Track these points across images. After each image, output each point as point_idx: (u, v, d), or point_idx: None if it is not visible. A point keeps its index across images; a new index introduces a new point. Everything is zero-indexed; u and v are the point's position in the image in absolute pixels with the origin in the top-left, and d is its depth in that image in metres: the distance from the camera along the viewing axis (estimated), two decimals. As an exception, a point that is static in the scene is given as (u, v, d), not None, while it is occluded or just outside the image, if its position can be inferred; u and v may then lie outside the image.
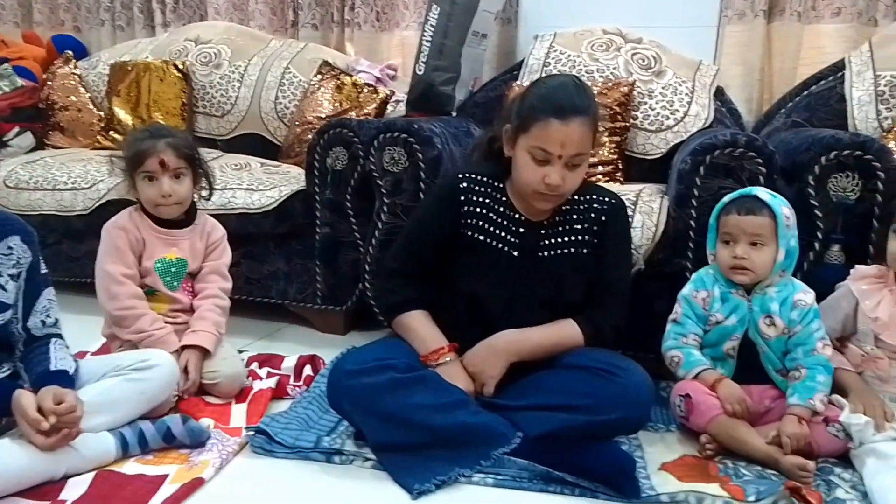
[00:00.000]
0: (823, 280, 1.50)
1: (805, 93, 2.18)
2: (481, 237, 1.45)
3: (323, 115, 2.47)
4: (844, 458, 1.35)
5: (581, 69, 2.27)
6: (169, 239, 1.64)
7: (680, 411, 1.44)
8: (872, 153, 1.48)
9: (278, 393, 1.63)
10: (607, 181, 2.10)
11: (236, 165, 2.40)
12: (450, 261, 1.48)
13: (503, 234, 1.46)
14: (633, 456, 1.37)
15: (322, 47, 2.87)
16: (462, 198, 1.46)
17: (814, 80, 2.20)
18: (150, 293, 1.61)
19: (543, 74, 2.31)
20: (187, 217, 1.67)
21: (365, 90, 2.50)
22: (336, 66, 2.67)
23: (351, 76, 2.56)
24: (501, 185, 1.49)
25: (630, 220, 1.67)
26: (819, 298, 1.47)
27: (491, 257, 1.45)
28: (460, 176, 1.49)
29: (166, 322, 1.58)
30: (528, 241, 1.45)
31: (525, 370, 1.42)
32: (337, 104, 2.50)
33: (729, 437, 1.36)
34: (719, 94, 2.29)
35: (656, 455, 1.39)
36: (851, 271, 1.43)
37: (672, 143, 2.11)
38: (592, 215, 1.46)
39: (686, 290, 1.52)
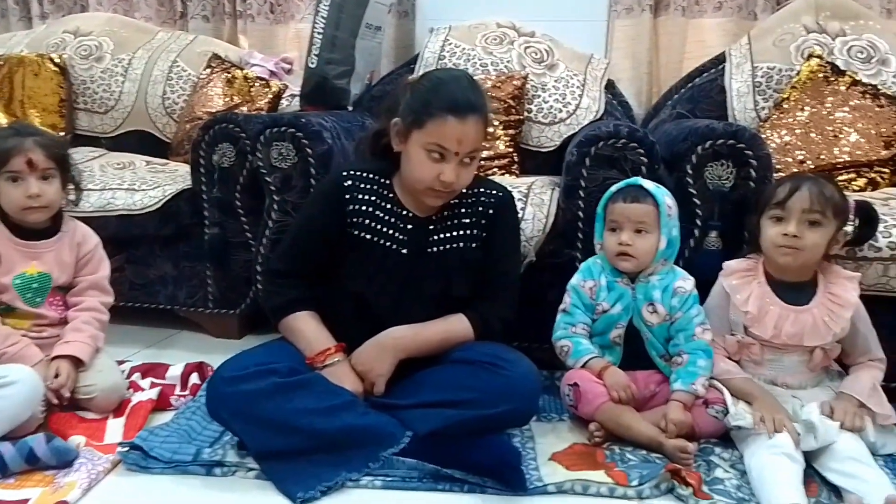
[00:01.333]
0: (702, 266, 1.54)
1: (689, 85, 2.26)
2: (368, 235, 1.42)
3: (213, 111, 2.36)
4: (726, 438, 1.39)
5: (475, 62, 2.27)
6: (29, 251, 1.50)
7: (569, 400, 1.45)
8: (745, 142, 1.54)
9: (161, 404, 1.55)
10: (503, 174, 2.10)
11: (119, 164, 2.27)
12: (337, 260, 1.44)
13: (391, 231, 1.43)
14: (525, 447, 1.38)
15: (213, 40, 2.76)
16: (347, 196, 1.43)
17: (697, 72, 2.28)
18: (8, 311, 1.48)
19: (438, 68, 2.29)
20: (52, 225, 1.55)
21: (257, 84, 2.41)
22: (227, 59, 2.57)
23: (242, 70, 2.47)
24: (388, 182, 1.46)
25: (521, 212, 1.68)
26: (699, 285, 1.51)
27: (378, 255, 1.42)
28: (344, 173, 1.45)
29: (29, 337, 1.46)
30: (416, 238, 1.43)
31: (417, 367, 1.39)
32: (228, 99, 2.41)
33: (615, 424, 1.39)
34: (610, 87, 2.35)
35: (547, 445, 1.39)
36: (724, 265, 1.48)
37: (565, 136, 2.13)
38: (480, 209, 1.45)
39: (574, 279, 1.53)
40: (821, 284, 1.41)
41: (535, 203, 1.73)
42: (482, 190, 1.47)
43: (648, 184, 1.45)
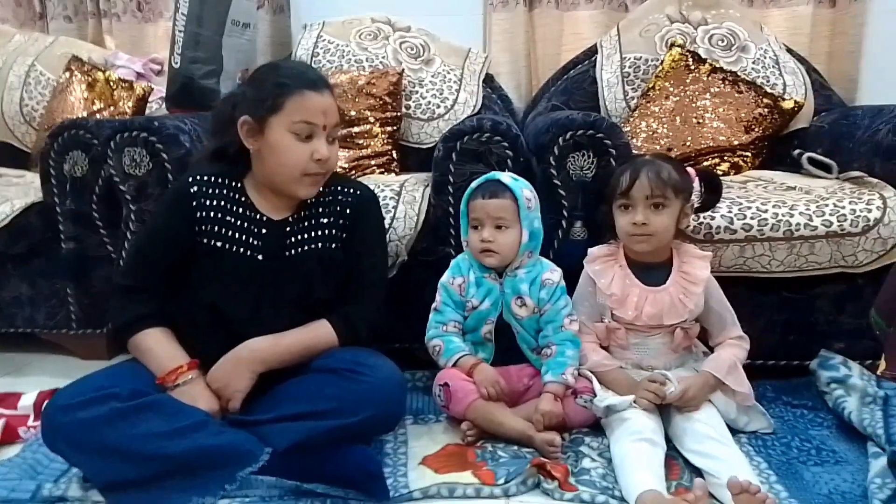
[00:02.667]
0: (569, 256, 1.55)
1: (564, 77, 2.28)
2: (219, 243, 1.35)
3: (75, 116, 2.21)
4: (597, 427, 1.40)
5: (350, 58, 2.22)
6: None
7: (440, 400, 1.43)
8: (603, 131, 1.55)
9: (8, 437, 1.43)
10: (382, 172, 2.06)
11: (-34, 178, 2.09)
12: (188, 270, 1.36)
13: (244, 237, 1.36)
14: (397, 453, 1.35)
15: (76, 41, 2.59)
16: (194, 202, 1.35)
17: (572, 64, 2.31)
18: None
19: (313, 65, 2.22)
20: None
21: (120, 87, 2.27)
22: (90, 61, 2.42)
23: (104, 72, 2.32)
24: (239, 185, 1.39)
25: (394, 211, 1.65)
26: (568, 275, 1.52)
27: (232, 263, 1.35)
28: (190, 179, 1.37)
29: None
30: (271, 242, 1.37)
31: (283, 378, 1.33)
32: (89, 103, 2.26)
33: (486, 421, 1.37)
34: (489, 80, 2.34)
35: (419, 449, 1.37)
36: (588, 252, 1.49)
37: (444, 132, 2.11)
38: (338, 208, 1.40)
39: (444, 277, 1.51)
40: (675, 264, 1.45)
41: (407, 201, 1.70)
42: (340, 188, 1.42)
43: (506, 178, 1.44)
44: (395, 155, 2.11)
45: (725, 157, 1.99)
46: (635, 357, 1.46)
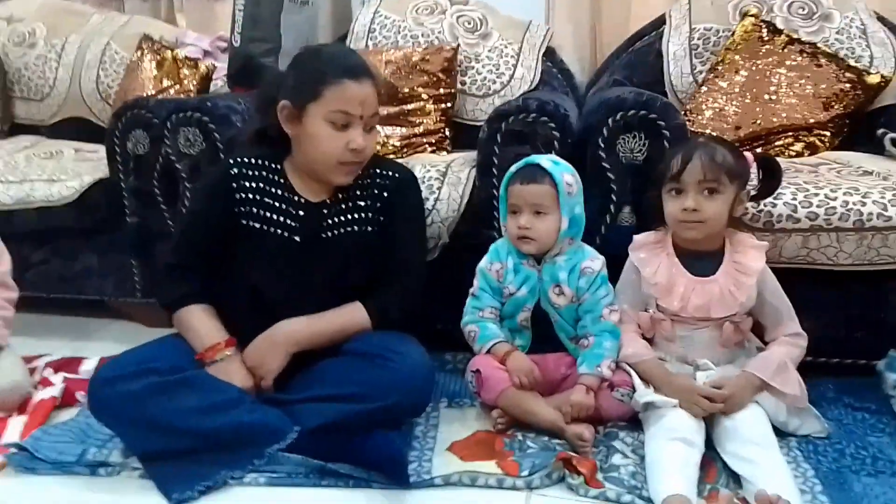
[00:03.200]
0: (616, 243, 1.48)
1: (630, 50, 2.17)
2: (258, 224, 1.37)
3: (144, 94, 2.30)
4: (635, 421, 1.35)
5: (406, 34, 2.19)
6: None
7: (472, 387, 1.41)
8: (656, 112, 1.47)
9: (67, 400, 1.52)
10: (434, 151, 2.04)
11: (46, 154, 2.22)
12: (229, 251, 1.39)
13: (282, 218, 1.38)
14: (426, 437, 1.36)
15: (149, 20, 2.69)
16: (234, 184, 1.38)
17: (637, 36, 2.19)
18: None
19: (370, 42, 2.22)
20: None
21: (186, 65, 2.34)
22: (161, 40, 2.50)
23: (172, 50, 2.39)
24: (279, 167, 1.41)
25: (437, 192, 1.62)
26: (615, 261, 1.46)
27: (271, 245, 1.37)
28: (231, 161, 1.40)
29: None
30: (309, 224, 1.38)
31: (316, 359, 1.35)
32: (157, 82, 2.34)
33: (518, 410, 1.35)
34: (550, 55, 2.26)
35: (449, 433, 1.36)
36: (634, 239, 1.42)
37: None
38: (376, 191, 1.40)
39: (482, 262, 1.48)
40: (727, 254, 1.36)
41: (452, 182, 1.67)
42: (379, 171, 1.41)
43: (546, 162, 1.38)
44: (447, 133, 2.08)
45: (800, 137, 1.84)
46: (681, 350, 1.39)
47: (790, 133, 1.84)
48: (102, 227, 1.95)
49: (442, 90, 2.07)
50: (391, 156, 1.99)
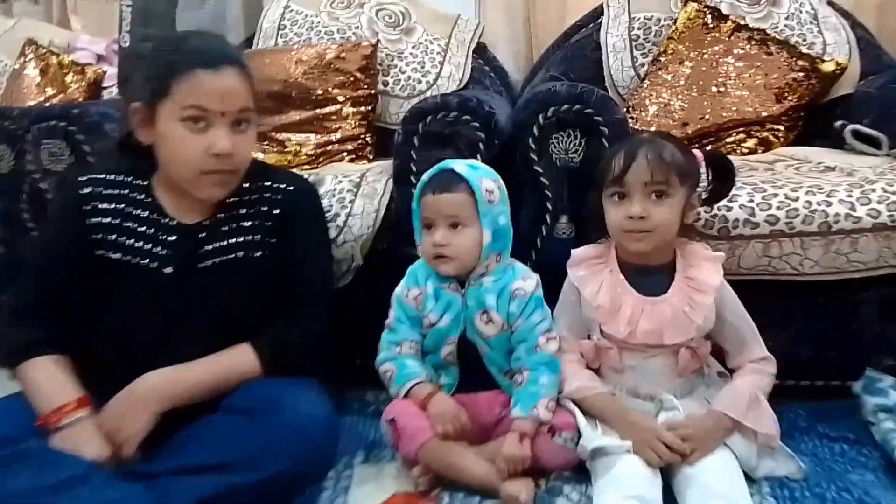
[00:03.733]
0: (554, 258, 1.28)
1: (567, 43, 1.99)
2: (118, 255, 1.13)
3: (29, 105, 2.03)
4: (583, 470, 1.14)
5: (320, 30, 1.97)
6: None
7: (388, 439, 1.19)
8: (592, 106, 1.27)
9: None
10: (353, 160, 1.82)
11: None
12: (89, 288, 1.14)
13: (149, 246, 1.13)
14: (335, 502, 1.12)
15: (39, 24, 2.43)
16: (86, 208, 1.13)
17: (575, 29, 2.02)
18: None
19: (280, 39, 1.99)
20: None
21: (72, 71, 2.07)
22: (49, 44, 2.22)
23: (58, 55, 2.12)
24: (145, 184, 1.16)
25: (350, 206, 1.40)
26: (554, 280, 1.25)
27: (136, 278, 1.13)
28: (82, 179, 1.15)
29: None
30: (182, 251, 1.14)
31: (195, 417, 1.10)
32: (42, 90, 2.07)
33: (443, 465, 1.13)
34: (481, 51, 2.07)
35: (362, 498, 1.13)
36: (572, 254, 1.22)
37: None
38: (265, 208, 1.17)
39: (398, 288, 1.26)
40: (679, 268, 1.17)
41: (366, 194, 1.45)
42: (269, 184, 1.18)
43: (461, 167, 1.17)
44: (369, 139, 1.86)
45: (752, 132, 1.68)
46: (631, 382, 1.19)
47: (741, 129, 1.69)
48: (-35, 259, 1.67)
49: (361, 91, 1.85)
50: (304, 167, 1.77)
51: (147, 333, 1.12)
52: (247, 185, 1.17)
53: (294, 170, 1.71)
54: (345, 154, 1.82)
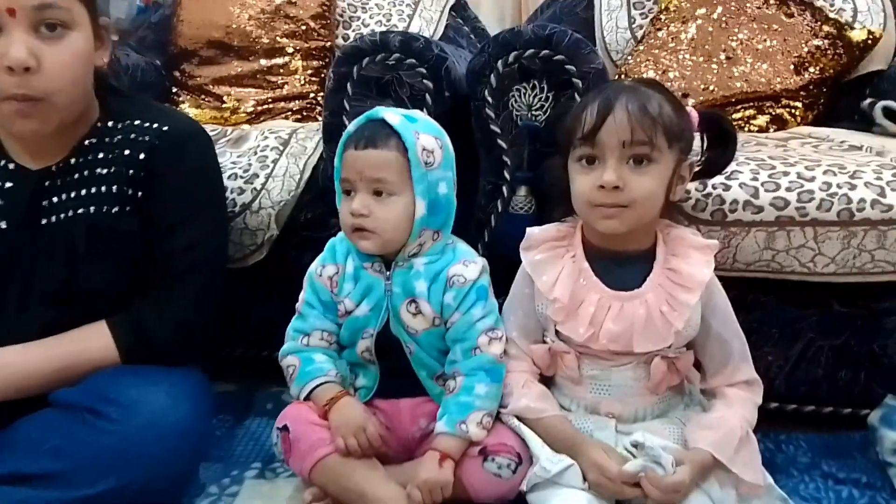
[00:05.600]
0: (508, 239, 1.03)
1: (554, 3, 1.74)
2: None
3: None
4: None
5: (272, -27, 1.72)
6: None
7: (279, 453, 0.94)
8: (564, 52, 1.02)
9: None
10: (298, 120, 1.57)
11: None
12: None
13: (-20, 194, 0.90)
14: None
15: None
16: None
17: (568, -14, 1.75)
18: None
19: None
20: None
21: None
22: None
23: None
24: None
25: (272, 166, 1.16)
26: (509, 266, 1.01)
27: None
28: None
29: None
30: (22, 202, 0.90)
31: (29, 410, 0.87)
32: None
33: (341, 488, 0.89)
34: (461, 9, 1.81)
35: (242, 524, 0.90)
36: (527, 234, 0.97)
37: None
38: (128, 152, 0.92)
39: (313, 265, 1.02)
40: (660, 256, 0.92)
41: (293, 153, 1.21)
42: (136, 122, 0.94)
43: (392, 116, 0.92)
44: (320, 98, 1.61)
45: (765, 108, 1.42)
46: (591, 397, 0.95)
47: (752, 103, 1.43)
48: None
49: (314, 43, 1.61)
50: (244, 125, 1.53)
51: (-26, 304, 0.89)
52: (111, 123, 0.93)
53: (226, 128, 1.48)
54: (290, 113, 1.58)
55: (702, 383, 0.97)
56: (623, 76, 1.47)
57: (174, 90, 1.63)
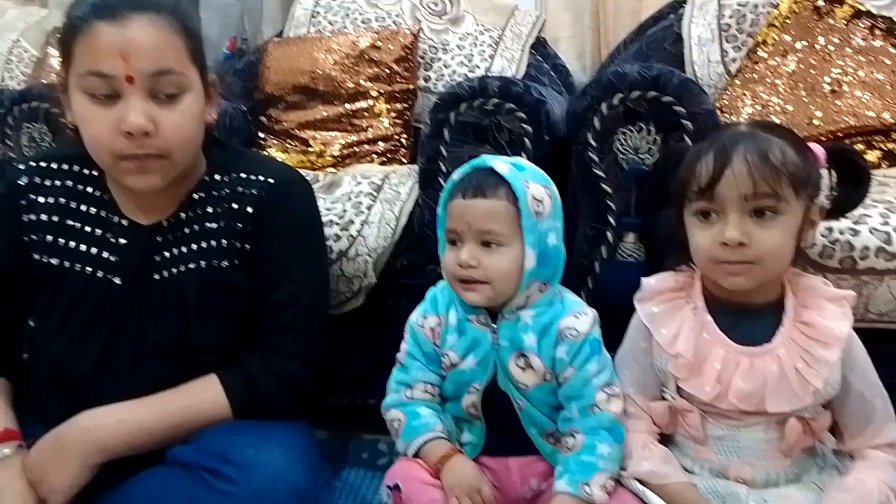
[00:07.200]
0: (617, 287, 0.99)
1: (641, 38, 1.70)
2: (55, 260, 0.90)
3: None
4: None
5: (355, 17, 1.75)
6: None
7: (389, 513, 0.91)
8: (672, 93, 0.98)
9: None
10: (384, 163, 1.57)
11: None
12: (27, 301, 0.93)
13: (94, 250, 0.90)
14: None
15: (74, 15, 2.27)
16: (23, 202, 0.92)
17: (652, 21, 1.73)
18: None
19: (312, 28, 1.77)
20: None
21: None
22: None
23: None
24: (96, 174, 0.94)
25: (367, 212, 1.16)
26: (616, 316, 0.96)
27: (76, 289, 0.90)
28: (20, 168, 0.94)
29: None
30: (134, 258, 0.90)
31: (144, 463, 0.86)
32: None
33: (456, 553, 0.85)
34: (540, 47, 1.80)
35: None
36: (642, 284, 0.92)
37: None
38: (235, 205, 0.92)
39: (413, 315, 0.99)
40: (790, 309, 0.85)
41: (387, 199, 1.20)
42: (242, 175, 0.94)
43: (501, 165, 0.89)
44: (404, 140, 1.61)
45: (874, 142, 1.35)
46: (716, 458, 0.88)
47: (860, 137, 1.35)
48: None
49: (397, 86, 1.61)
50: (329, 169, 1.53)
51: (87, 357, 0.90)
52: (218, 177, 0.93)
53: (318, 173, 1.48)
54: (375, 156, 1.58)
55: (839, 444, 0.89)
56: (720, 111, 1.41)
57: (261, 135, 1.66)
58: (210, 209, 0.91)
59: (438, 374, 0.96)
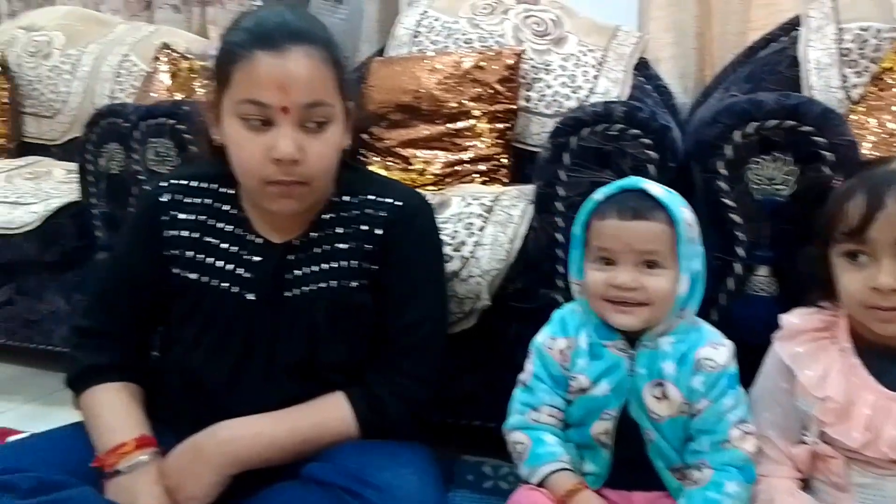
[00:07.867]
0: (746, 322, 0.97)
1: (752, 60, 1.66)
2: (194, 275, 0.93)
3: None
4: None
5: (458, 38, 1.76)
6: None
7: (511, 542, 0.90)
8: (812, 122, 0.95)
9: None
10: (485, 182, 1.57)
11: (31, 174, 1.89)
12: (162, 311, 0.96)
13: (230, 266, 0.93)
14: None
15: (177, 31, 2.37)
16: (164, 218, 0.95)
17: (763, 43, 1.68)
18: None
19: (414, 48, 1.80)
20: None
21: (202, 76, 1.98)
22: (187, 51, 2.17)
23: (189, 60, 2.05)
24: (232, 193, 0.97)
25: (479, 234, 1.16)
26: (744, 352, 0.93)
27: (212, 303, 0.93)
28: (162, 185, 0.98)
29: None
30: (267, 275, 0.92)
31: (273, 476, 0.88)
32: (170, 95, 2.00)
33: (582, 589, 0.83)
34: (643, 68, 1.77)
35: None
36: (783, 322, 0.89)
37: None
38: (365, 227, 0.93)
39: (540, 336, 0.98)
40: (948, 354, 0.81)
41: (499, 221, 1.20)
42: (371, 198, 0.95)
43: (656, 188, 0.88)
44: (505, 160, 1.61)
45: None
46: (859, 507, 0.84)
47: None
48: (69, 262, 1.58)
49: (499, 106, 1.62)
50: (429, 187, 1.54)
51: (220, 369, 0.92)
52: (347, 198, 0.95)
53: (430, 194, 1.50)
54: (476, 176, 1.59)
55: None
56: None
57: (361, 151, 1.68)
58: (340, 230, 0.93)
59: (564, 399, 0.95)
